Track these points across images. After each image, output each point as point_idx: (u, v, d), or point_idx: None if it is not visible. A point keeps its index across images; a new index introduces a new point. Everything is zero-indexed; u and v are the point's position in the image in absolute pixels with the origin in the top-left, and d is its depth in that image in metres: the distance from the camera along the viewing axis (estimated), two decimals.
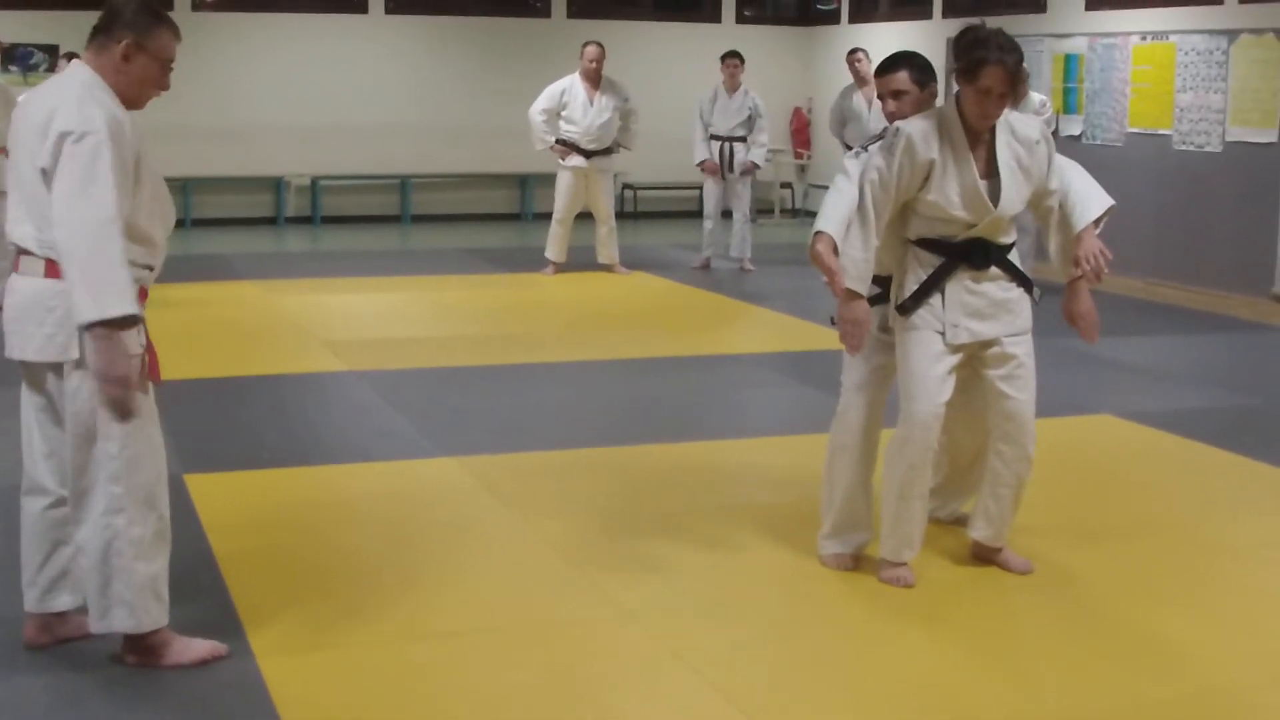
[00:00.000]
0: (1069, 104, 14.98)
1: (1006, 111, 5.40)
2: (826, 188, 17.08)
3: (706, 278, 14.28)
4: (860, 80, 14.19)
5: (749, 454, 7.57)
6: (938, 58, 16.59)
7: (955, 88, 5.40)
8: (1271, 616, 5.37)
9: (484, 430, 7.93)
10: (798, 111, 20.36)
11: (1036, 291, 5.62)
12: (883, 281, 5.58)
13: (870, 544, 5.76)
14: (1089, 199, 5.59)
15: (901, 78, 5.71)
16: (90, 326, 4.27)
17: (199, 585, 5.33)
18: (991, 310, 5.47)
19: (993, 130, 5.39)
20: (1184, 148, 13.67)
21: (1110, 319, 5.65)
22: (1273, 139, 12.75)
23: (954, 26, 16.92)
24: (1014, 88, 5.29)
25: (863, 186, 5.40)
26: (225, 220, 17.62)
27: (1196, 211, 13.34)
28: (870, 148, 5.58)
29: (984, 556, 5.79)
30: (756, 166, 14.93)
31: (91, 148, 4.30)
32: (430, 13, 18.69)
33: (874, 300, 5.52)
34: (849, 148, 14.43)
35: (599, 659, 4.90)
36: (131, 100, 4.56)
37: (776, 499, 6.68)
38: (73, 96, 4.41)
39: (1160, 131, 13.92)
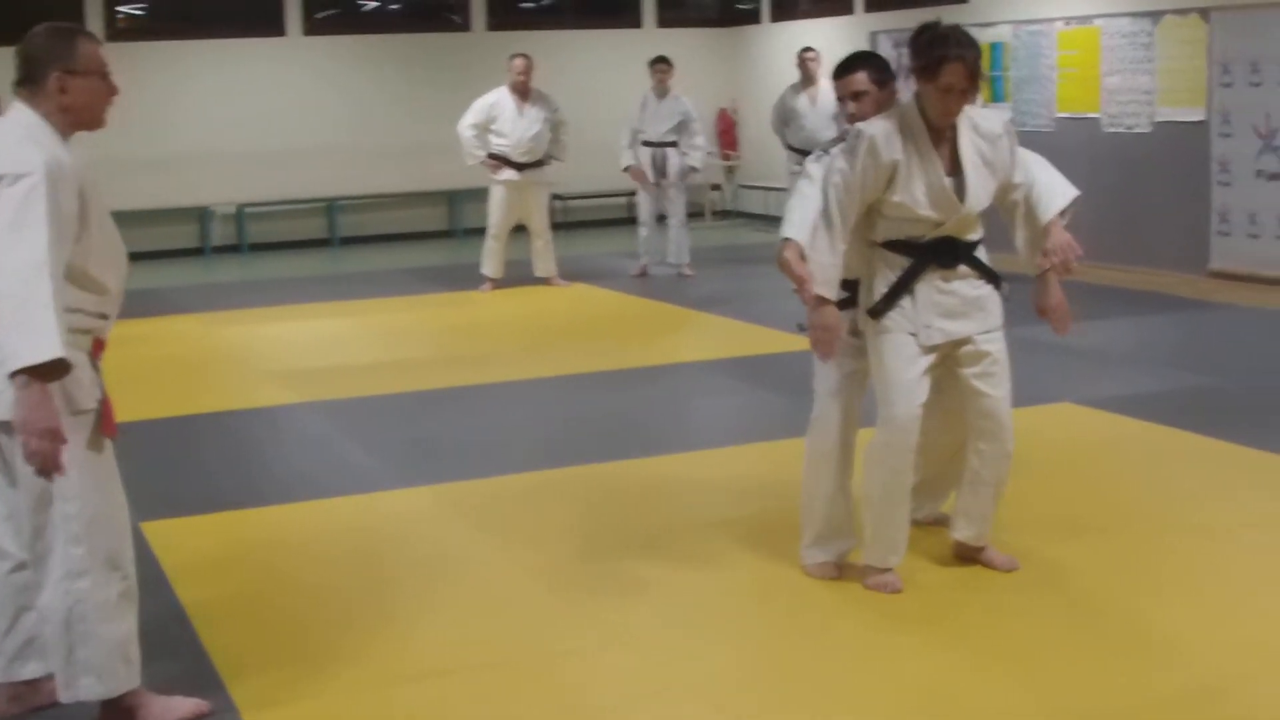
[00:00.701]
0: (996, 92, 15.01)
1: (968, 107, 5.35)
2: (756, 188, 17.13)
3: (646, 285, 14.20)
4: (808, 79, 14.16)
5: (716, 465, 7.49)
6: None
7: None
8: (1259, 601, 5.33)
9: (445, 457, 7.82)
10: (723, 113, 20.31)
11: (1005, 286, 5.56)
12: (850, 285, 5.50)
13: (853, 550, 5.69)
14: (1054, 191, 5.54)
15: (860, 78, 5.63)
16: (15, 374, 4.03)
17: (171, 640, 5.18)
18: (963, 309, 5.41)
19: (955, 127, 5.33)
20: (1114, 130, 13.72)
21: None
22: (1202, 117, 12.80)
23: (877, 21, 17.05)
24: (974, 83, 5.24)
25: (826, 191, 5.32)
26: (152, 253, 17.36)
27: (1130, 192, 13.38)
28: (832, 150, 5.50)
29: (967, 556, 5.73)
30: (696, 170, 14.83)
31: (25, 190, 4.10)
32: (349, 32, 18.56)
33: (843, 305, 5.45)
34: (790, 148, 14.58)
35: (600, 690, 4.79)
36: (91, 121, 4.40)
37: (751, 510, 6.60)
38: (12, 138, 4.24)
39: (1089, 115, 13.97)
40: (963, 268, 5.42)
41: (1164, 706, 4.50)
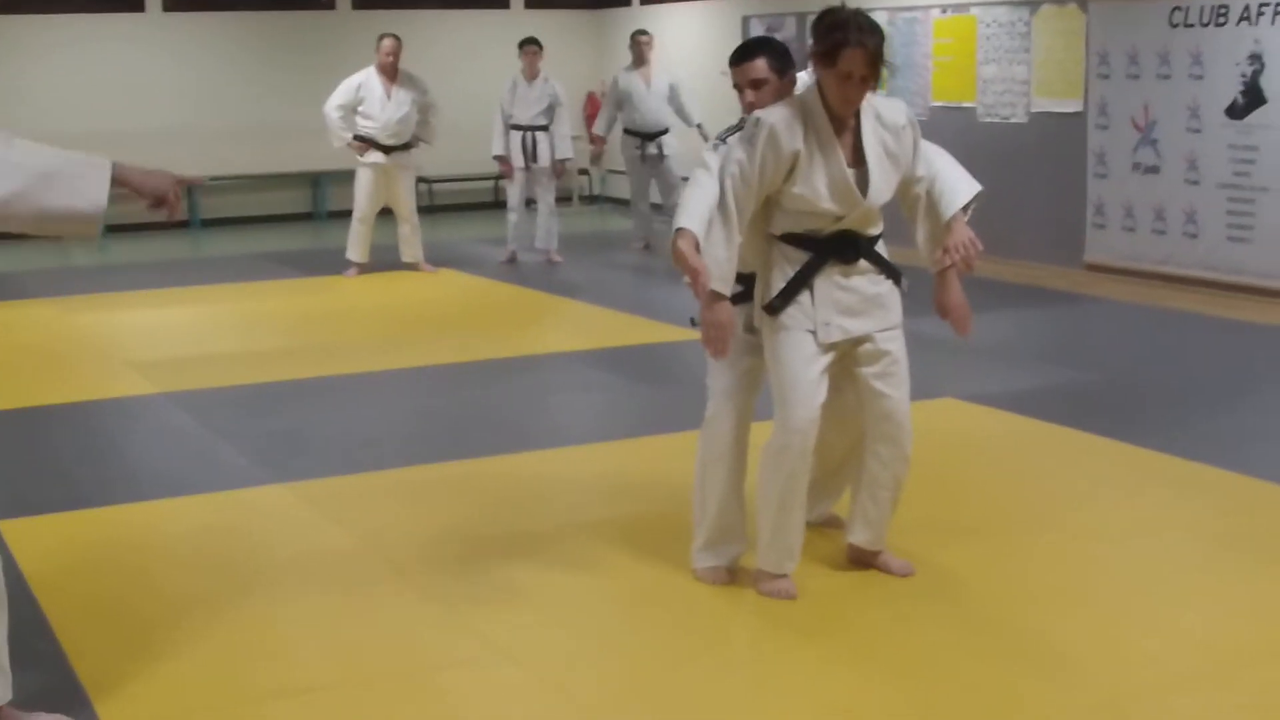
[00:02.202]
0: None
1: (871, 96, 5.15)
2: (624, 174, 16.87)
3: (515, 272, 13.97)
4: (639, 60, 14.47)
5: (594, 461, 7.28)
6: (734, 38, 16.44)
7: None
8: (1152, 611, 5.21)
9: (310, 452, 7.54)
10: (591, 96, 20.07)
11: (904, 282, 5.38)
12: (745, 279, 5.29)
13: (745, 555, 5.48)
14: (957, 186, 5.37)
15: (760, 66, 5.40)
16: None
17: (33, 650, 4.82)
18: (863, 306, 5.22)
19: (857, 116, 5.14)
20: (989, 120, 13.67)
21: (923, 294, 5.44)
22: (1079, 109, 12.77)
23: (747, 5, 16.95)
24: (875, 70, 5.04)
25: (723, 181, 5.10)
26: (2, 236, 16.86)
27: (1005, 183, 13.26)
28: (730, 139, 5.28)
29: (862, 560, 5.56)
30: (568, 160, 14.68)
31: None
32: (212, 9, 18.09)
33: (737, 299, 5.25)
34: (627, 131, 14.61)
35: (485, 707, 4.53)
36: None
37: (628, 510, 6.38)
38: None
39: (964, 104, 13.92)
40: (863, 263, 5.23)
41: None
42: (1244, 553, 5.74)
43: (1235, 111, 11.40)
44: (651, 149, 14.86)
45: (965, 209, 5.35)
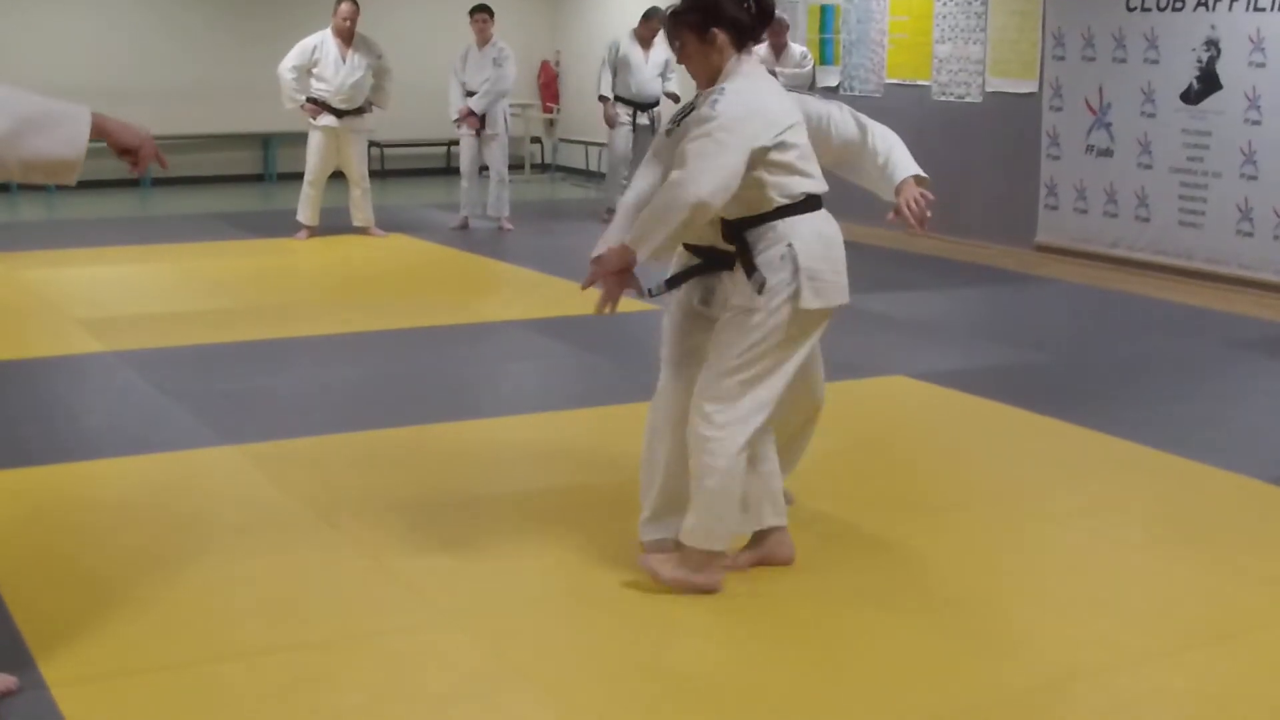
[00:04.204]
0: (825, 55, 14.93)
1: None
2: (577, 143, 16.92)
3: (466, 238, 13.94)
4: (645, 38, 14.66)
5: (543, 430, 7.27)
6: None
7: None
8: (1101, 589, 5.24)
9: (258, 414, 7.50)
10: (545, 65, 20.04)
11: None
12: (704, 252, 5.28)
13: None
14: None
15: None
16: None
17: None
18: None
19: None
20: (944, 98, 13.69)
21: (874, 272, 5.48)
22: (1033, 89, 12.82)
23: None
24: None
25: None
26: None
27: (957, 162, 13.35)
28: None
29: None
30: (471, 113, 14.49)
31: None
32: None
33: (696, 271, 5.26)
34: (620, 99, 14.60)
35: (432, 674, 4.51)
36: None
37: (582, 479, 6.38)
38: None
39: (919, 82, 13.94)
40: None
41: (1023, 700, 4.36)
42: (1187, 535, 5.79)
43: (1190, 96, 11.46)
44: (643, 119, 14.99)
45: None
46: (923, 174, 5.49)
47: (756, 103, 5.00)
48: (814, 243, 5.00)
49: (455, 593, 5.12)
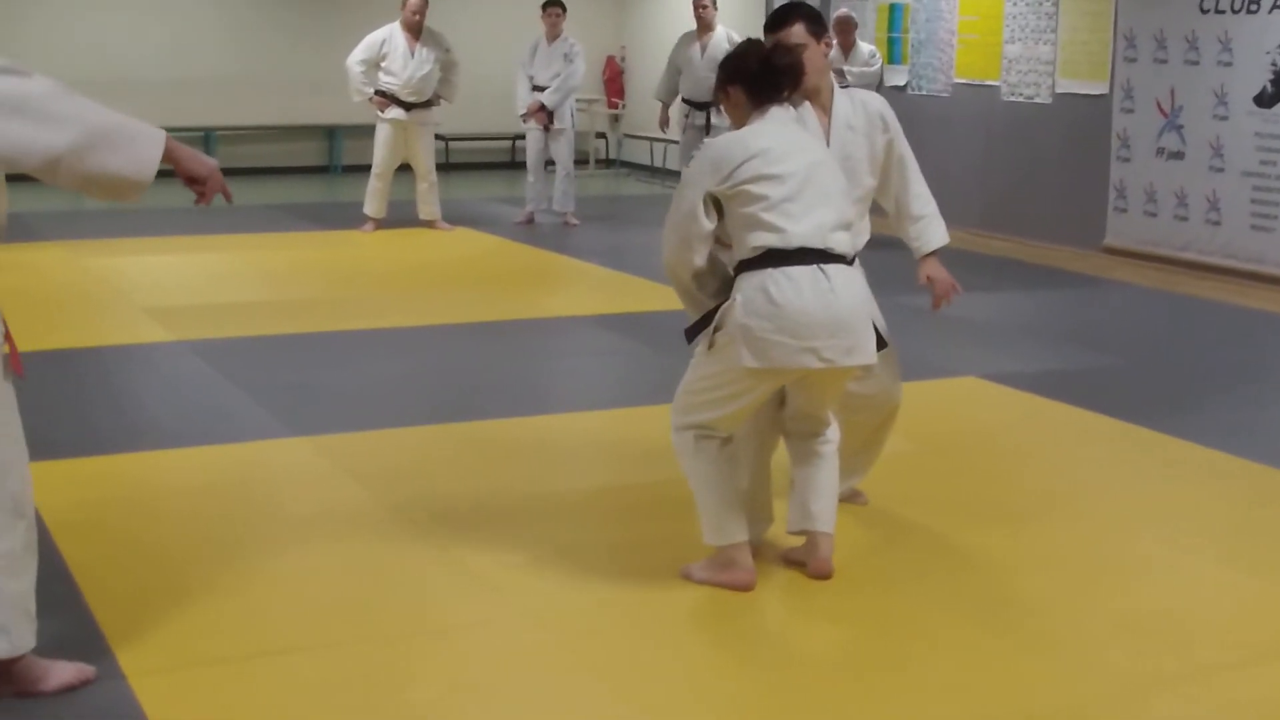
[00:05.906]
0: (894, 54, 14.88)
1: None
2: (642, 138, 16.82)
3: (532, 233, 13.95)
4: (704, 28, 13.76)
5: (613, 426, 7.26)
6: (760, 5, 16.40)
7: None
8: (1171, 599, 5.17)
9: (326, 406, 7.50)
10: (610, 60, 20.03)
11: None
12: None
13: (768, 532, 5.44)
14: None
15: (799, 31, 5.36)
16: None
17: (54, 597, 4.75)
18: None
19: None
20: (1013, 99, 13.62)
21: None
22: (1104, 90, 12.72)
23: None
24: None
25: None
26: (14, 177, 16.77)
27: (1026, 163, 13.29)
28: None
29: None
30: (541, 108, 14.41)
31: None
32: None
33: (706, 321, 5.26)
34: (686, 102, 14.16)
35: (503, 669, 4.50)
36: None
37: (653, 477, 6.32)
38: None
39: (988, 83, 13.86)
40: None
41: (1082, 712, 4.30)
42: (1260, 544, 5.71)
43: (1264, 100, 11.35)
44: (699, 119, 13.80)
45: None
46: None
47: (722, 148, 4.94)
48: (758, 300, 4.82)
49: (527, 590, 5.09)
